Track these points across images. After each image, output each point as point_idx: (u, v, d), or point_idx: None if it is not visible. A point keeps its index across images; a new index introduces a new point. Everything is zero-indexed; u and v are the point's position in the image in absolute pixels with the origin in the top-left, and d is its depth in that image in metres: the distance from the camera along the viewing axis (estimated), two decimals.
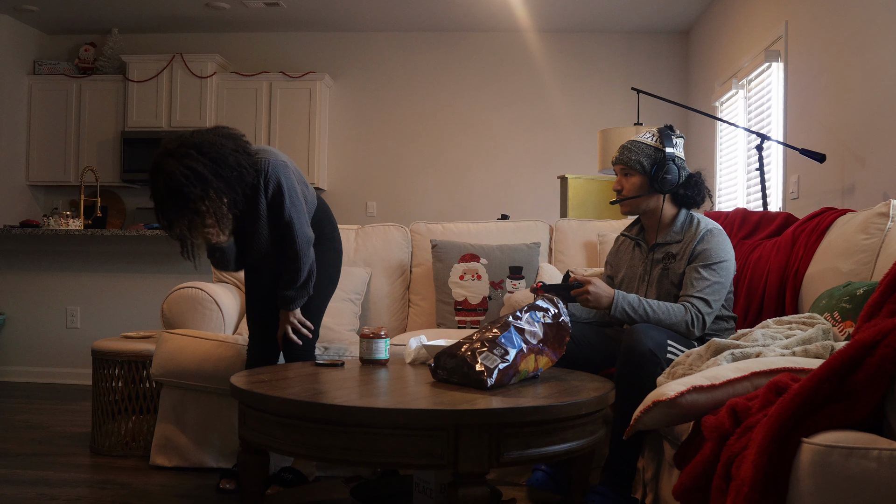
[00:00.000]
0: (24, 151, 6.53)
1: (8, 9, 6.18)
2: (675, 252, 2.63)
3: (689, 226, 2.66)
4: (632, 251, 2.79)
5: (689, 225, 2.66)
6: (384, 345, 2.59)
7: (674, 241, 2.66)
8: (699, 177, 2.72)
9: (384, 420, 1.84)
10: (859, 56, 3.42)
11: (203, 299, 3.33)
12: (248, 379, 2.20)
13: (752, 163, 4.63)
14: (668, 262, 2.64)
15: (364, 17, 6.40)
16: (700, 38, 6.20)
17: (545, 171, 6.45)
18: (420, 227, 3.95)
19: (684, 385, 1.76)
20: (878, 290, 1.64)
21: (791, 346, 1.97)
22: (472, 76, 6.70)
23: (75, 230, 5.09)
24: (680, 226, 2.67)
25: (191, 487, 2.93)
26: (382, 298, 3.80)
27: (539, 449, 1.92)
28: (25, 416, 4.21)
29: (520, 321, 2.18)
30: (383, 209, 6.73)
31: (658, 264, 2.66)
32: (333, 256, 2.92)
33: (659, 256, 2.67)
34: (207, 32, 6.80)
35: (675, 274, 2.61)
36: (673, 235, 2.67)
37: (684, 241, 2.64)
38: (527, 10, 6.15)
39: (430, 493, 2.23)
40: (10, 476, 3.07)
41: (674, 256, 2.63)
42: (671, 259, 2.63)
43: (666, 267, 2.63)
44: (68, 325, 5.29)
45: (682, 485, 1.61)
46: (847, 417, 1.37)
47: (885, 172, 3.19)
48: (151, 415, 3.45)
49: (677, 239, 2.65)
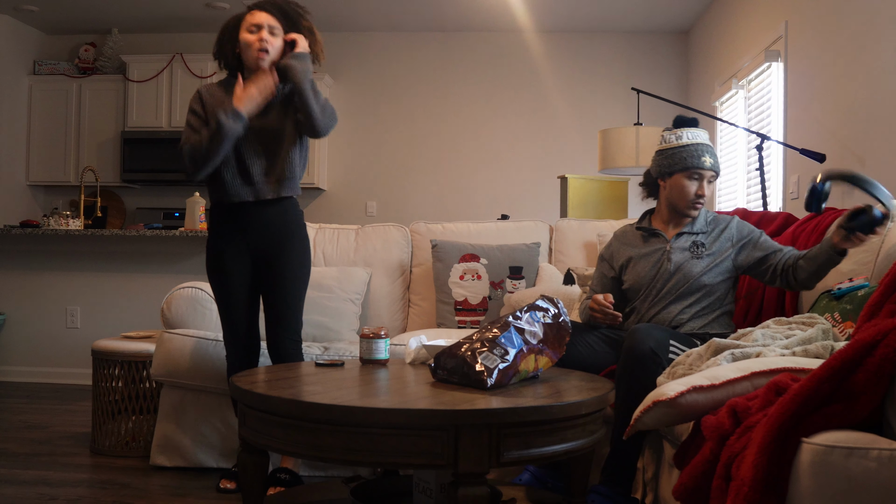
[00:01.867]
0: (24, 151, 6.54)
1: (8, 9, 6.18)
2: (705, 242, 2.70)
3: (714, 218, 2.77)
4: (642, 241, 2.80)
5: (713, 218, 2.78)
6: (384, 345, 2.59)
7: (701, 232, 2.72)
8: None
9: (384, 420, 1.84)
10: (859, 56, 3.42)
11: (203, 299, 3.33)
12: (248, 379, 2.20)
13: (752, 163, 4.63)
14: (698, 250, 2.68)
15: (364, 17, 6.40)
16: (700, 38, 6.20)
17: (545, 171, 6.45)
18: (420, 227, 3.95)
19: (684, 385, 1.76)
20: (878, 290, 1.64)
21: (791, 346, 1.97)
22: (473, 76, 6.70)
23: (75, 230, 5.09)
24: (703, 219, 2.75)
25: (191, 487, 2.94)
26: (382, 298, 3.80)
27: (539, 449, 1.92)
28: (25, 416, 4.21)
29: (520, 321, 2.17)
30: (383, 209, 6.73)
31: (682, 251, 2.69)
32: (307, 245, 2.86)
33: (685, 245, 2.70)
34: (207, 32, 6.79)
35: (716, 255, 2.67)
36: (700, 226, 2.73)
37: (715, 232, 2.72)
38: (527, 11, 6.15)
39: (430, 493, 2.23)
40: (10, 476, 3.07)
41: (703, 245, 2.69)
42: (700, 247, 2.68)
43: (697, 255, 2.67)
44: (68, 325, 5.29)
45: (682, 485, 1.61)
46: (847, 417, 1.37)
47: (885, 172, 3.19)
48: (151, 415, 3.45)
49: (704, 230, 2.72)
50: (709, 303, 2.63)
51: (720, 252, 2.67)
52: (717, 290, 2.65)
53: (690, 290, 2.63)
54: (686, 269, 2.64)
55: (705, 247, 2.67)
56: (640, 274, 2.73)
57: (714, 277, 2.64)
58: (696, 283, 2.62)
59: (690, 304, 2.62)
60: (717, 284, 2.64)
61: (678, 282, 2.64)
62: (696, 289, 2.63)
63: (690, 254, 2.67)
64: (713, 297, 2.64)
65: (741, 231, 2.70)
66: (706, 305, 2.63)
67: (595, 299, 2.61)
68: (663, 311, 2.64)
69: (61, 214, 5.22)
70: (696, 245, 2.68)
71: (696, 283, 2.62)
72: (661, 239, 2.75)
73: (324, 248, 3.88)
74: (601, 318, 2.62)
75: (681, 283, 2.64)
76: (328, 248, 3.88)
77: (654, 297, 2.67)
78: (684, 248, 2.69)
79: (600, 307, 2.59)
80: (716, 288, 2.64)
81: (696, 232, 2.71)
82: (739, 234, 2.69)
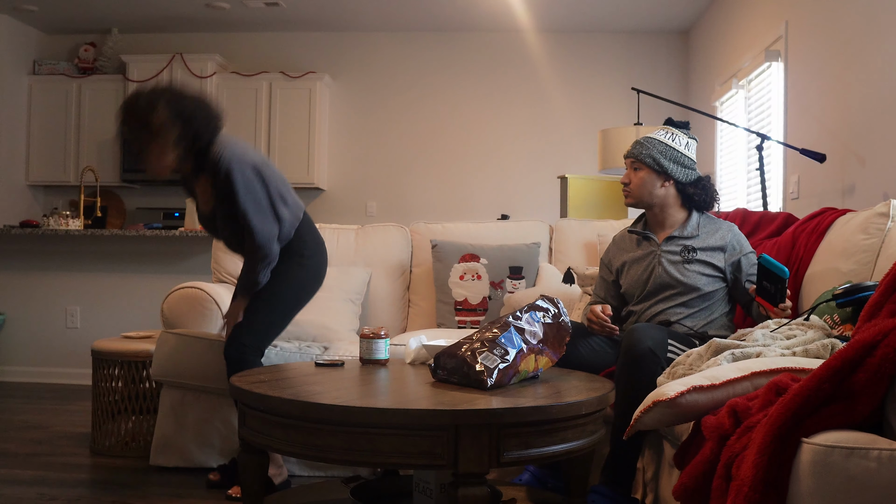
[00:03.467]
0: (24, 151, 6.53)
1: (8, 9, 6.18)
2: (696, 246, 2.66)
3: (710, 222, 2.73)
4: (636, 245, 2.80)
5: (709, 221, 2.74)
6: (384, 345, 2.59)
7: (692, 236, 2.69)
8: (707, 180, 2.74)
9: (384, 420, 1.84)
10: (859, 56, 3.42)
11: (203, 299, 3.33)
12: (248, 379, 2.20)
13: (752, 163, 4.63)
14: (688, 255, 2.65)
15: (364, 17, 6.40)
16: (700, 38, 6.20)
17: (545, 171, 6.45)
18: (420, 227, 3.94)
19: (684, 385, 1.76)
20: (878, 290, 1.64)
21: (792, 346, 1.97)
22: (473, 76, 6.70)
23: (75, 230, 5.08)
24: (696, 223, 2.71)
25: (191, 487, 2.93)
26: (382, 298, 3.80)
27: (539, 449, 1.92)
28: (25, 416, 4.21)
29: (520, 321, 2.18)
30: (383, 209, 6.72)
31: (673, 255, 2.67)
32: (299, 272, 2.89)
33: (675, 248, 2.68)
34: (207, 32, 6.79)
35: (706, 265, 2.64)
36: (690, 231, 2.69)
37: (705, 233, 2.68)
38: (527, 10, 6.15)
39: (430, 493, 2.24)
40: (10, 476, 3.07)
41: (695, 250, 2.65)
42: (692, 251, 2.65)
43: (688, 259, 2.65)
44: (68, 325, 5.29)
45: (682, 485, 1.61)
46: (847, 417, 1.37)
47: (885, 172, 3.19)
48: (151, 415, 3.45)
49: (695, 233, 2.69)
50: (706, 304, 2.63)
51: (712, 255, 2.65)
52: (711, 291, 2.64)
53: (684, 293, 2.63)
54: (677, 274, 2.64)
55: (696, 251, 2.66)
56: (633, 277, 2.74)
57: (707, 281, 2.64)
58: (689, 286, 2.62)
59: (686, 305, 2.62)
60: (710, 286, 2.64)
61: (671, 285, 2.64)
62: (689, 290, 2.63)
63: (681, 258, 2.66)
64: (711, 300, 2.64)
65: (734, 247, 2.67)
66: (703, 307, 2.63)
67: (594, 311, 2.62)
68: (660, 314, 2.64)
69: (61, 214, 5.22)
70: (686, 249, 2.67)
71: (689, 287, 2.62)
72: (652, 242, 2.75)
73: None
74: (598, 331, 2.63)
75: (674, 286, 2.64)
76: (328, 248, 3.87)
77: (649, 300, 2.68)
78: (675, 252, 2.68)
79: (598, 320, 2.60)
80: (709, 290, 2.64)
81: (687, 236, 2.69)
82: (731, 250, 2.66)
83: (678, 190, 2.72)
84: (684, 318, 2.61)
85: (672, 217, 2.74)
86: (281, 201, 2.81)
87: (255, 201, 2.73)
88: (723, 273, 2.65)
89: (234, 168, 2.69)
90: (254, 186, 2.73)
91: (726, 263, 2.65)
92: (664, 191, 2.71)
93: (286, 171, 6.66)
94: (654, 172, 2.70)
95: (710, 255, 2.65)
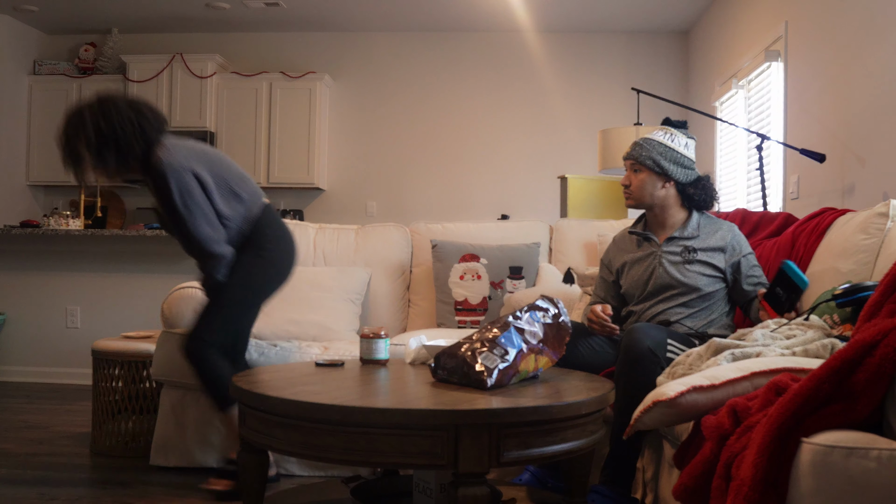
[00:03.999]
0: (24, 151, 6.53)
1: (8, 9, 6.18)
2: (696, 246, 2.66)
3: (710, 222, 2.73)
4: (636, 245, 2.80)
5: (710, 222, 2.74)
6: (384, 345, 2.59)
7: (692, 237, 2.69)
8: (707, 180, 2.74)
9: (384, 420, 1.84)
10: (859, 56, 3.42)
11: (203, 299, 3.33)
12: (248, 379, 2.20)
13: (752, 163, 4.63)
14: (688, 255, 2.66)
15: (364, 17, 6.40)
16: (700, 38, 6.20)
17: (545, 171, 6.45)
18: (420, 227, 3.94)
19: (684, 385, 1.76)
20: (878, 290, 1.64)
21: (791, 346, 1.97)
22: (473, 76, 6.70)
23: (75, 230, 5.09)
24: (696, 224, 2.71)
25: (191, 487, 2.93)
26: (382, 298, 3.80)
27: (539, 449, 1.92)
28: (25, 416, 4.21)
29: (520, 321, 2.17)
30: (383, 209, 6.73)
31: (673, 255, 2.67)
32: (257, 263, 2.87)
33: (675, 249, 2.68)
34: (207, 32, 6.80)
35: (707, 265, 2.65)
36: (691, 231, 2.70)
37: (706, 234, 2.68)
38: (527, 10, 6.15)
39: (430, 493, 2.23)
40: (10, 476, 3.07)
41: (695, 250, 2.66)
42: (692, 252, 2.66)
43: (688, 260, 2.65)
44: (68, 325, 5.29)
45: (682, 485, 1.61)
46: (847, 417, 1.37)
47: (885, 172, 3.19)
48: (151, 415, 3.45)
49: (695, 234, 2.69)
50: (706, 304, 2.64)
51: (712, 256, 2.66)
52: (712, 291, 2.64)
53: (685, 293, 2.63)
54: (678, 275, 2.64)
55: (696, 252, 2.66)
56: (634, 278, 2.74)
57: (707, 282, 2.64)
58: (689, 286, 2.62)
59: (686, 305, 2.62)
60: (710, 287, 2.64)
61: (672, 286, 2.64)
62: (690, 291, 2.63)
63: (682, 258, 2.66)
64: (711, 300, 2.64)
65: (734, 248, 2.67)
66: (703, 307, 2.63)
67: (594, 311, 2.62)
68: (660, 314, 2.64)
69: (61, 214, 5.23)
70: (687, 250, 2.67)
71: (689, 287, 2.62)
72: (653, 243, 2.75)
73: (324, 248, 3.88)
74: (598, 331, 2.63)
75: (675, 287, 2.64)
76: (328, 248, 3.88)
77: (649, 300, 2.68)
78: (675, 252, 2.68)
79: (598, 319, 2.61)
80: (710, 290, 2.64)
81: (688, 237, 2.70)
82: (731, 251, 2.66)
83: (678, 190, 2.72)
84: (684, 318, 2.61)
85: (672, 217, 2.74)
86: (232, 197, 2.82)
87: (194, 206, 2.73)
88: (723, 273, 2.65)
89: (168, 174, 2.69)
90: (192, 191, 2.73)
91: (727, 264, 2.65)
92: (665, 192, 2.71)
93: (286, 171, 6.71)
94: (654, 174, 2.70)
95: (711, 255, 2.66)
